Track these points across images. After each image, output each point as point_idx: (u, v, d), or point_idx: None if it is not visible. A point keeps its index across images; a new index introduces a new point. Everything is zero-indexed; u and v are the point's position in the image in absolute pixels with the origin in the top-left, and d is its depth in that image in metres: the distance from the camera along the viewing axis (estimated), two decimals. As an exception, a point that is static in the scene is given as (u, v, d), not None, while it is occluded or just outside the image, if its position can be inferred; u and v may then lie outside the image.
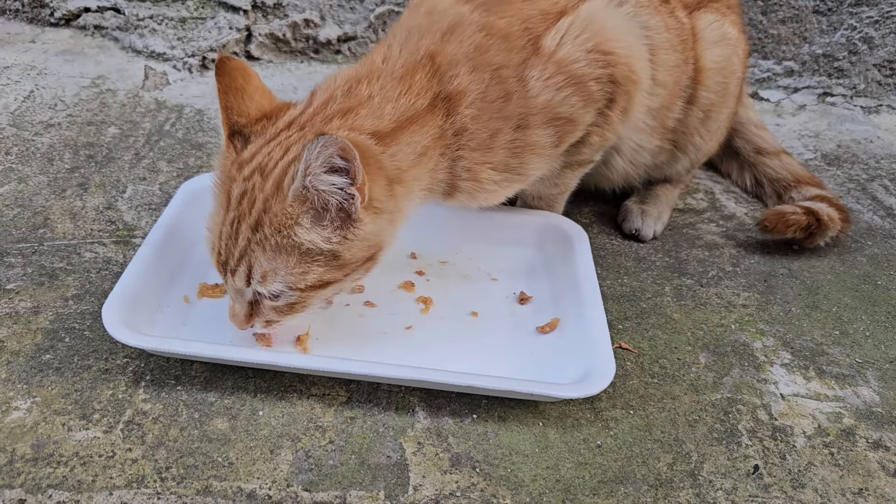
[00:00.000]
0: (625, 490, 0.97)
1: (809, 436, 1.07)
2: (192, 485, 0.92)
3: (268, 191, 0.96)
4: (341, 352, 1.09)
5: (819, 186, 1.56)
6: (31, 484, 0.90)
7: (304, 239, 0.96)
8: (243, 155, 1.00)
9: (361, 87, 1.05)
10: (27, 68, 1.80)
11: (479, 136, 1.09)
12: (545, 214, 1.34)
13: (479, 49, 1.09)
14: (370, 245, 1.01)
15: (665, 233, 1.49)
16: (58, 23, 1.97)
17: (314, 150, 0.89)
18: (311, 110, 1.03)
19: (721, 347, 1.22)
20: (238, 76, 1.02)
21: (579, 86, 1.13)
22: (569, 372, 1.06)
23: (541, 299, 1.24)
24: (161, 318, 1.12)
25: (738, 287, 1.36)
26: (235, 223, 0.97)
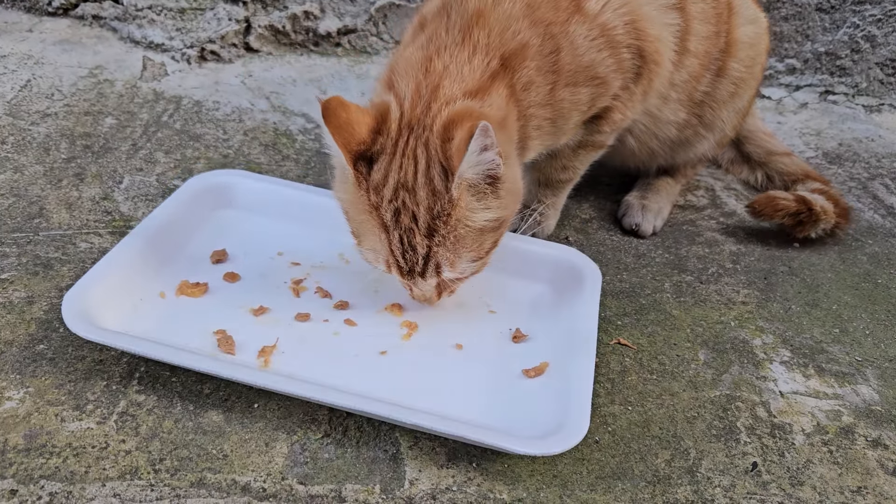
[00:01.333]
0: (622, 486, 0.96)
1: (808, 433, 1.07)
2: (185, 477, 0.91)
3: (425, 200, 1.01)
4: (303, 369, 1.03)
5: (824, 182, 1.57)
6: (24, 475, 0.89)
7: (477, 219, 1.02)
8: (374, 178, 1.03)
9: (435, 63, 1.08)
10: (24, 57, 1.79)
11: (543, 89, 1.13)
12: (564, 249, 1.26)
13: (530, 6, 1.12)
14: (515, 192, 1.07)
15: (665, 229, 1.48)
16: (55, 12, 1.96)
17: (473, 148, 0.95)
18: (408, 105, 1.05)
19: (720, 344, 1.21)
20: (341, 112, 1.02)
21: (614, 49, 1.17)
22: (541, 424, 0.97)
23: (537, 340, 1.14)
24: (133, 312, 1.10)
25: (738, 284, 1.35)
26: (406, 238, 1.03)
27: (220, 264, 1.22)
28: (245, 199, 1.33)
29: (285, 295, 1.18)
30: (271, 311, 1.14)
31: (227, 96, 1.76)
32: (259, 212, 1.32)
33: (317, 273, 1.23)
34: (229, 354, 1.05)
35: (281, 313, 1.14)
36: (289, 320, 1.13)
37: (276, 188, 1.34)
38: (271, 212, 1.31)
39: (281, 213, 1.31)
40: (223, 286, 1.18)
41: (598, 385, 1.11)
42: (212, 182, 1.33)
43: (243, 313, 1.13)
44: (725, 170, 1.70)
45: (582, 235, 1.44)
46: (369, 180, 1.03)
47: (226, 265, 1.22)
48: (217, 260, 1.23)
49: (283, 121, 1.70)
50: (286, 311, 1.14)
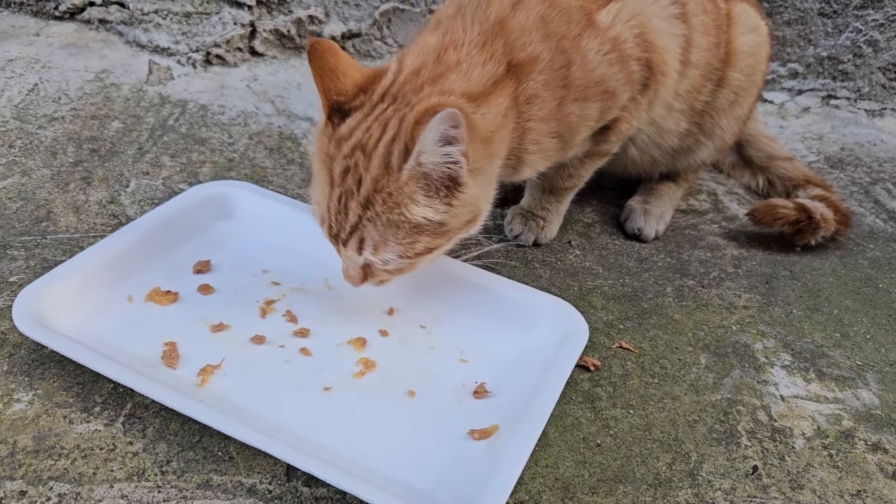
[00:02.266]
0: (624, 489, 0.97)
1: (809, 437, 1.08)
2: (192, 478, 0.92)
3: (375, 170, 0.99)
4: (237, 395, 1.00)
5: (825, 188, 1.57)
6: (33, 476, 0.91)
7: (416, 214, 1.00)
8: (341, 130, 1.03)
9: (450, 54, 1.08)
10: (31, 61, 1.80)
11: (549, 104, 1.13)
12: (553, 301, 1.17)
13: (544, 19, 1.13)
14: (472, 209, 1.05)
15: (667, 233, 1.49)
16: (62, 16, 1.97)
17: (431, 129, 0.93)
18: (401, 79, 1.05)
19: (722, 348, 1.22)
20: (329, 57, 1.03)
21: (624, 63, 1.18)
22: (466, 493, 0.88)
23: (500, 397, 1.05)
24: (94, 313, 1.08)
25: (740, 288, 1.36)
26: (343, 199, 1.01)
27: (200, 275, 1.20)
28: (244, 212, 1.31)
29: (251, 314, 1.14)
30: (231, 328, 1.11)
31: (233, 100, 1.78)
32: (256, 226, 1.29)
33: (293, 296, 1.18)
34: (170, 368, 1.02)
35: (238, 332, 1.10)
36: (243, 341, 1.09)
37: (275, 204, 1.30)
38: (267, 227, 1.28)
39: (276, 230, 1.27)
40: (194, 297, 1.16)
41: (601, 389, 1.12)
42: (214, 192, 1.32)
43: (201, 328, 1.10)
44: (727, 174, 1.71)
45: (584, 239, 1.44)
46: (336, 132, 1.02)
47: (205, 276, 1.20)
48: (198, 270, 1.21)
49: (288, 124, 1.72)
50: (245, 330, 1.11)
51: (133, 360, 1.02)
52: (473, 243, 1.36)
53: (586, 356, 1.16)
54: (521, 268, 1.34)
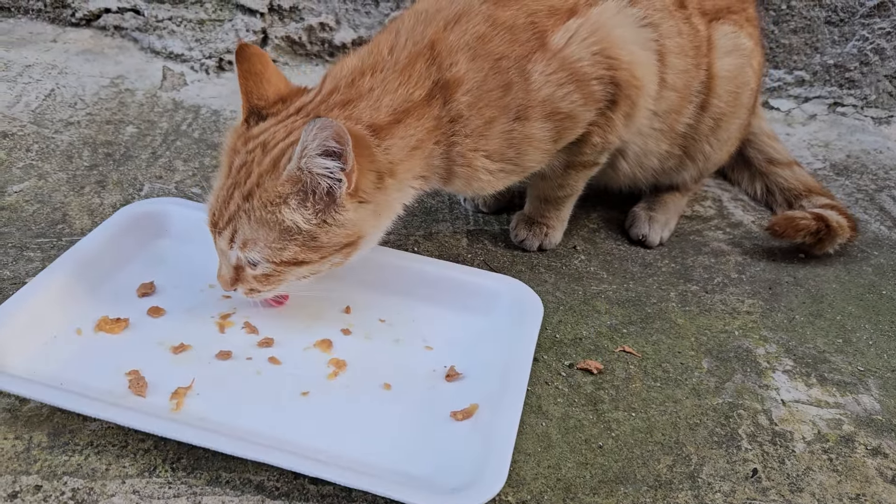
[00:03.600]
0: (625, 490, 0.99)
1: (809, 441, 1.09)
2: (202, 475, 0.94)
3: (264, 166, 1.03)
4: (217, 413, 0.99)
5: (829, 197, 1.58)
6: (48, 471, 0.93)
7: (286, 217, 1.02)
8: (252, 131, 1.07)
9: (364, 79, 1.09)
10: (48, 67, 1.84)
11: (474, 122, 1.12)
12: (507, 280, 1.22)
13: (481, 39, 1.12)
14: (349, 233, 1.05)
15: (672, 239, 1.50)
16: (79, 23, 2.01)
17: (311, 131, 0.95)
18: (318, 98, 1.09)
19: (724, 353, 1.23)
20: (256, 62, 1.07)
21: (581, 83, 1.16)
22: (462, 472, 0.93)
23: (471, 379, 1.09)
24: (44, 350, 1.05)
25: (743, 294, 1.37)
26: (231, 189, 1.04)
27: (146, 297, 1.17)
28: (180, 229, 1.27)
29: (210, 331, 1.13)
30: (192, 348, 1.09)
31: (244, 106, 1.81)
32: (193, 242, 1.23)
33: (247, 307, 1.16)
34: (140, 397, 1.00)
35: (202, 351, 1.09)
36: (209, 358, 1.08)
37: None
38: (205, 242, 1.19)
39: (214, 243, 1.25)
40: (146, 321, 1.13)
41: (603, 392, 1.13)
42: (146, 210, 1.28)
43: (162, 351, 1.08)
44: (729, 179, 1.72)
45: (589, 245, 1.46)
46: (248, 132, 1.07)
47: (152, 298, 1.17)
48: (143, 293, 1.18)
49: (299, 130, 1.74)
50: (208, 348, 1.09)
51: (99, 394, 0.98)
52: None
53: (589, 360, 1.18)
54: (527, 272, 1.36)
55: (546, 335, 1.22)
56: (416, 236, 1.42)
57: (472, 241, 1.43)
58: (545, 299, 1.29)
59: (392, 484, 0.90)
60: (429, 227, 1.44)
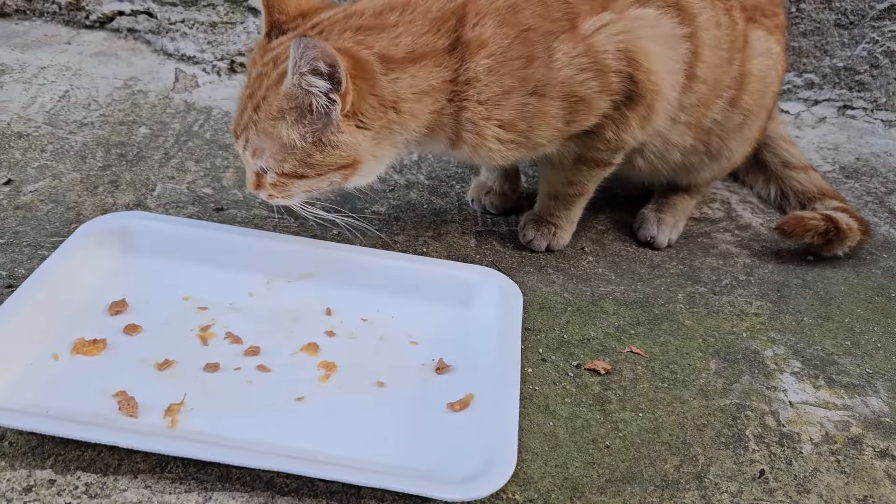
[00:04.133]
0: (631, 490, 0.99)
1: (816, 443, 1.09)
2: (212, 472, 0.95)
3: (272, 79, 1.08)
4: (214, 426, 0.98)
5: (841, 200, 1.58)
6: (61, 465, 0.94)
7: (283, 132, 1.08)
8: (271, 44, 1.13)
9: (392, 15, 1.12)
10: (63, 69, 1.86)
11: (491, 90, 1.14)
12: (482, 270, 1.25)
13: (513, 8, 1.14)
14: (343, 154, 1.09)
15: (680, 241, 1.51)
16: (93, 25, 2.04)
17: (297, 51, 1.00)
18: (336, 17, 1.12)
19: (732, 354, 1.23)
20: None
21: (600, 73, 1.18)
22: (468, 463, 0.94)
23: (461, 369, 1.10)
24: (22, 379, 1.01)
25: (751, 296, 1.37)
26: (248, 99, 1.11)
27: (120, 315, 1.14)
28: (145, 243, 1.24)
29: (192, 344, 1.11)
30: (177, 363, 1.07)
31: (256, 107, 1.82)
32: (161, 255, 1.22)
33: (226, 316, 1.16)
34: (131, 418, 0.98)
35: (188, 365, 1.07)
36: (196, 372, 1.06)
37: (177, 228, 1.26)
38: (175, 254, 1.23)
39: (185, 255, 1.23)
40: (123, 340, 1.10)
41: (611, 392, 1.14)
42: (107, 227, 1.24)
43: (146, 369, 1.06)
44: (741, 181, 1.72)
45: (598, 246, 1.47)
46: (268, 45, 1.12)
47: (125, 316, 1.14)
48: (116, 311, 1.14)
49: (309, 131, 1.76)
50: (193, 362, 1.07)
51: (90, 419, 0.96)
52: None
53: (596, 360, 1.18)
54: (535, 273, 1.37)
55: (554, 335, 1.23)
56: (426, 237, 1.43)
57: (480, 241, 1.43)
58: (553, 300, 1.30)
59: (406, 479, 0.91)
60: (438, 228, 1.45)
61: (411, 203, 1.52)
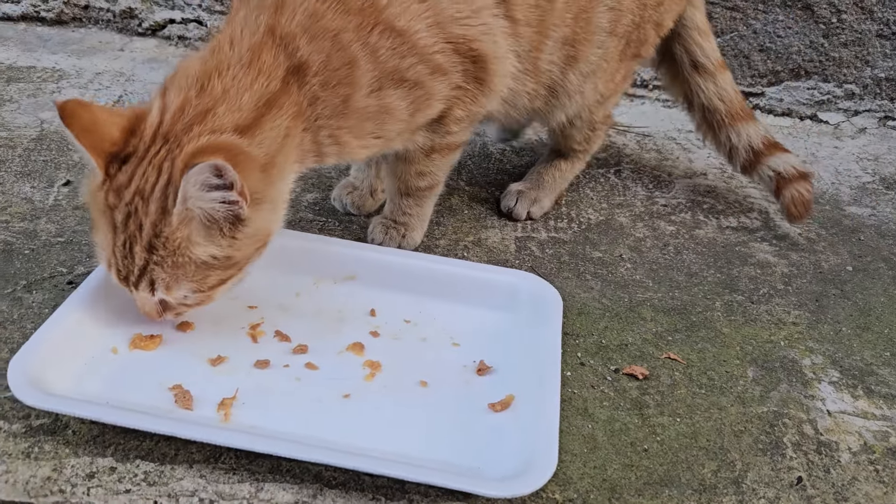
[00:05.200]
0: (669, 493, 1.01)
1: (855, 452, 1.10)
2: (263, 463, 1.00)
3: (153, 215, 1.00)
4: (265, 420, 1.02)
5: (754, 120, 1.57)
6: (121, 454, 0.99)
7: (199, 254, 1.02)
8: (119, 179, 1.01)
9: (214, 83, 1.04)
10: (117, 74, 1.93)
11: (332, 102, 1.10)
12: (522, 275, 1.28)
13: (313, 16, 1.08)
14: (259, 238, 1.06)
15: (717, 249, 1.52)
16: (145, 33, 2.11)
17: (189, 180, 0.95)
18: (168, 117, 1.02)
19: (769, 363, 1.24)
20: (82, 113, 0.99)
21: (423, 57, 1.15)
22: (510, 461, 0.97)
23: (502, 371, 1.13)
24: (84, 371, 1.07)
25: (789, 305, 1.38)
26: (128, 244, 1.02)
27: None
28: None
29: (243, 341, 1.15)
30: (229, 359, 1.11)
31: (300, 113, 1.87)
32: None
33: (274, 316, 1.20)
34: (187, 410, 1.02)
35: (239, 361, 1.11)
36: (248, 368, 1.10)
37: None
38: None
39: None
40: (177, 336, 1.14)
41: (648, 397, 1.16)
42: None
43: (200, 364, 1.10)
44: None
45: (635, 254, 1.49)
46: (113, 181, 1.01)
47: None
48: None
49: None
50: (244, 358, 1.11)
51: (148, 410, 1.01)
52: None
53: (634, 365, 1.20)
54: (574, 279, 1.39)
55: (592, 340, 1.25)
56: (466, 242, 1.46)
57: (520, 247, 1.46)
58: (591, 306, 1.33)
59: (452, 475, 0.94)
60: (478, 234, 1.49)
61: (452, 208, 1.55)
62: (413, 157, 1.31)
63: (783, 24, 1.96)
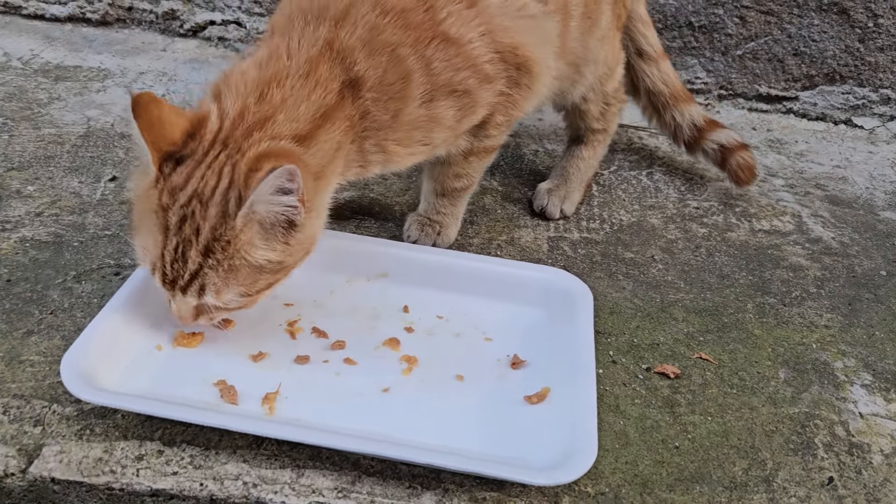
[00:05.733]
0: (700, 489, 1.03)
1: (887, 454, 1.10)
2: (304, 450, 1.03)
3: (213, 219, 1.00)
4: (309, 413, 1.05)
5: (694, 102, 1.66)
6: (168, 438, 1.03)
7: (257, 257, 1.03)
8: (173, 180, 1.01)
9: (273, 92, 1.05)
10: (159, 74, 1.99)
11: (382, 117, 1.13)
12: (552, 271, 1.30)
13: (374, 30, 1.10)
14: (306, 245, 1.08)
15: (749, 252, 1.52)
16: (186, 34, 2.17)
17: (267, 183, 0.96)
18: (228, 123, 1.04)
19: (801, 364, 1.25)
20: (153, 108, 1.00)
21: (475, 67, 1.18)
22: (548, 451, 1.00)
23: (535, 365, 1.16)
24: (131, 368, 1.10)
25: (822, 308, 1.38)
26: (181, 248, 1.01)
27: None
28: None
29: (282, 338, 1.18)
30: (270, 355, 1.14)
31: (336, 113, 1.91)
32: None
33: (311, 313, 1.23)
34: (232, 405, 1.06)
35: (280, 357, 1.14)
36: (288, 364, 1.13)
37: None
38: None
39: None
40: (218, 334, 1.16)
41: (680, 395, 1.17)
42: None
43: (242, 360, 1.13)
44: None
45: (667, 255, 1.50)
46: (168, 180, 1.01)
47: None
48: None
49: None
50: (285, 354, 1.15)
51: (196, 405, 1.04)
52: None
53: (666, 364, 1.22)
54: (605, 279, 1.41)
55: (624, 339, 1.27)
56: (499, 241, 1.48)
57: (552, 247, 1.48)
58: (623, 305, 1.34)
59: (493, 464, 0.97)
60: (511, 233, 1.51)
61: (485, 207, 1.58)
62: (452, 159, 1.34)
63: (818, 28, 1.96)
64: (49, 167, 1.57)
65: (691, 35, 2.01)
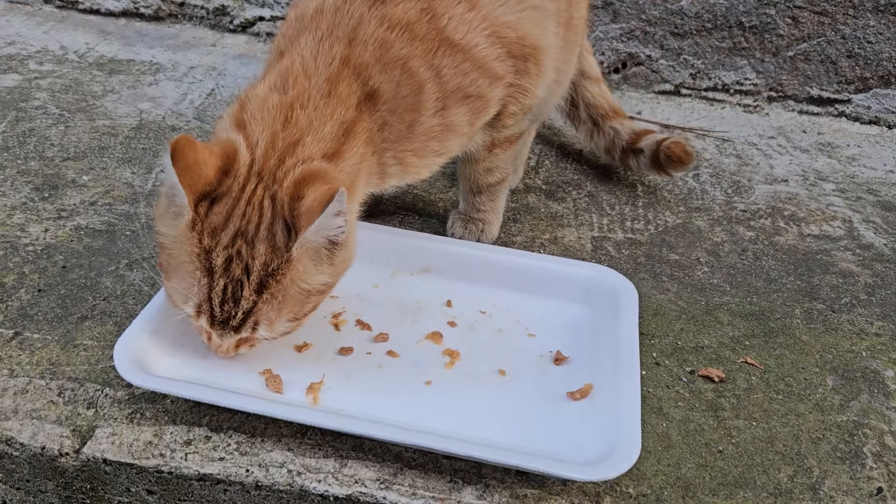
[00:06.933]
0: (744, 494, 1.02)
1: (939, 466, 1.08)
2: (347, 441, 1.04)
3: (264, 255, 0.99)
4: (353, 404, 1.06)
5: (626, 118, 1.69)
6: (215, 424, 1.05)
7: (309, 283, 1.02)
8: (212, 221, 1.00)
9: (298, 114, 1.05)
10: (209, 69, 2.03)
11: (398, 127, 1.13)
12: (596, 268, 1.30)
13: (383, 46, 1.11)
14: (348, 261, 1.08)
15: (797, 257, 1.50)
16: (235, 29, 2.20)
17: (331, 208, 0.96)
18: (260, 154, 1.03)
19: (850, 372, 1.23)
20: (189, 153, 0.98)
21: (483, 69, 1.18)
22: (591, 447, 1.00)
23: (578, 361, 1.16)
24: (177, 356, 1.11)
25: (872, 316, 1.35)
26: (230, 288, 1.00)
27: None
28: None
29: (326, 329, 1.19)
30: (314, 346, 1.16)
31: (381, 110, 1.93)
32: None
33: (355, 306, 1.24)
34: (277, 393, 1.07)
35: (324, 348, 1.15)
36: (332, 355, 1.15)
37: None
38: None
39: None
40: None
41: (724, 399, 1.16)
42: None
43: (286, 350, 1.14)
44: None
45: (713, 258, 1.48)
46: (206, 222, 0.99)
47: None
48: None
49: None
50: (329, 345, 1.16)
51: (242, 393, 1.06)
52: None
53: (710, 367, 1.21)
54: (650, 280, 1.40)
55: (667, 341, 1.26)
56: (543, 239, 1.48)
57: (596, 246, 1.48)
58: (667, 307, 1.33)
59: (538, 458, 0.97)
60: (554, 232, 1.51)
61: (529, 206, 1.58)
62: (477, 155, 1.35)
63: (874, 29, 1.92)
64: (103, 158, 1.62)
65: (741, 35, 1.98)
